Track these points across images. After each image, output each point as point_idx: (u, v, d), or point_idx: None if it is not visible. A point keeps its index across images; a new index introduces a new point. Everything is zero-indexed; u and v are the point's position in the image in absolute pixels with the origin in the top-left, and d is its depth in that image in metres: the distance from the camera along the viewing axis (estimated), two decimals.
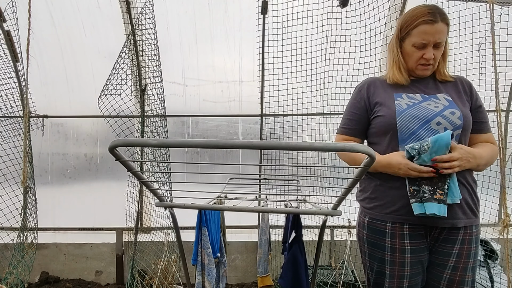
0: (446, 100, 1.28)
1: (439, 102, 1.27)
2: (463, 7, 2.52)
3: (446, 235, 1.24)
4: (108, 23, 3.06)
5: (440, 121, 1.22)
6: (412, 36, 1.27)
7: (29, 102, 2.81)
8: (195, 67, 3.23)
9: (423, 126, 1.23)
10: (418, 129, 1.23)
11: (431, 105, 1.26)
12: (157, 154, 2.89)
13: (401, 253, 1.25)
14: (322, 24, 2.83)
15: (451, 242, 1.23)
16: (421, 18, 1.23)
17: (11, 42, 2.77)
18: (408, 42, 1.29)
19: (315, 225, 3.01)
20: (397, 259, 1.26)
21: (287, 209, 1.38)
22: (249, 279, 3.15)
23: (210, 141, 0.68)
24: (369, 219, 1.33)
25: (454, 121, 1.23)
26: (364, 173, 0.72)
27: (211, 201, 1.44)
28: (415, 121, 1.24)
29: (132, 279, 2.85)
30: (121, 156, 0.70)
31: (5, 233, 2.92)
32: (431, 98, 1.29)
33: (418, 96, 1.30)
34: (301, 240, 1.52)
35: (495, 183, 2.61)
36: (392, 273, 1.26)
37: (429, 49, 1.26)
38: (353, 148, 0.62)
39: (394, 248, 1.26)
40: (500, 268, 2.60)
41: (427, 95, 1.31)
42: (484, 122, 1.33)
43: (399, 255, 1.25)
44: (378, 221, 1.30)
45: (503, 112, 2.93)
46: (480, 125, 1.32)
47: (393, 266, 1.26)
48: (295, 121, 3.05)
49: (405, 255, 1.25)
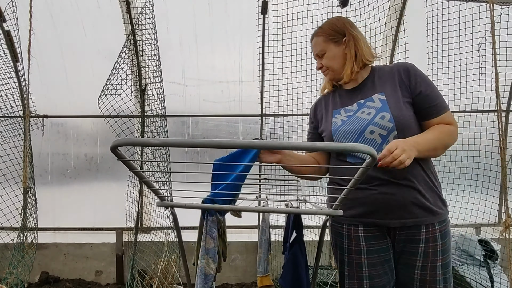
0: (380, 101, 1.28)
1: (372, 107, 1.28)
2: (463, 7, 2.52)
3: (409, 235, 1.23)
4: (108, 23, 3.06)
5: (372, 129, 1.24)
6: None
7: (29, 102, 2.81)
8: (195, 67, 3.23)
9: (359, 138, 1.27)
10: (355, 142, 1.27)
11: (364, 113, 1.29)
12: (157, 154, 2.89)
13: (357, 254, 1.28)
14: None
15: (415, 242, 1.22)
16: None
17: (11, 42, 2.77)
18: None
19: (316, 225, 3.01)
20: (354, 260, 1.29)
21: (287, 209, 1.38)
22: (249, 279, 3.15)
23: (210, 141, 0.68)
24: (332, 221, 1.40)
25: (385, 125, 1.22)
26: (365, 173, 0.72)
27: None
28: (349, 135, 1.29)
29: (132, 279, 2.85)
30: (122, 156, 0.70)
31: (5, 233, 2.92)
32: (366, 103, 1.31)
33: (354, 106, 1.34)
34: (301, 240, 1.52)
35: (495, 183, 2.61)
36: (350, 274, 1.30)
37: (317, 61, 1.44)
38: (354, 148, 0.62)
39: (351, 249, 1.30)
40: (500, 268, 2.60)
41: (362, 100, 1.33)
42: (429, 106, 1.25)
43: (356, 256, 1.28)
44: (337, 223, 1.36)
45: (503, 112, 2.93)
46: (427, 111, 1.25)
47: (351, 267, 1.29)
48: (295, 121, 3.05)
49: (361, 256, 1.27)
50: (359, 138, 1.27)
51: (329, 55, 1.37)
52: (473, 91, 2.66)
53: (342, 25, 1.36)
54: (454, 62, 2.65)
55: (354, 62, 1.34)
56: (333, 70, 1.38)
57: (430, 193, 1.23)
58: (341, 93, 1.43)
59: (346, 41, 1.34)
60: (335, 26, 1.36)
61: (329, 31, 1.36)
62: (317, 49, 1.40)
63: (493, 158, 2.59)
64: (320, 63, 1.41)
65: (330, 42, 1.36)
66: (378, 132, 1.23)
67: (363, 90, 1.36)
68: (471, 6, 2.50)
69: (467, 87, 2.66)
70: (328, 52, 1.37)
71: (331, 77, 1.42)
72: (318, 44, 1.39)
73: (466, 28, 2.54)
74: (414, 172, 1.21)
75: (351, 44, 1.34)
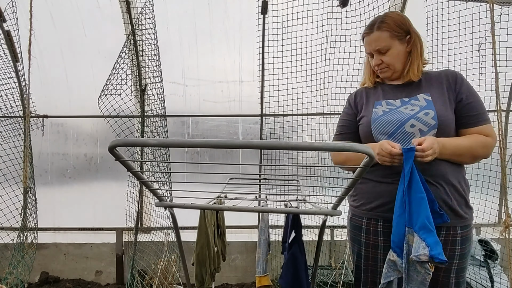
0: (425, 101, 1.28)
1: (417, 104, 1.29)
2: (463, 7, 2.52)
3: None
4: (108, 23, 3.06)
5: (413, 123, 1.24)
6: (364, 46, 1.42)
7: (29, 102, 2.81)
8: (195, 67, 3.23)
9: (398, 130, 1.26)
10: (394, 132, 1.27)
11: (408, 109, 1.29)
12: (157, 154, 2.89)
13: (374, 248, 1.29)
14: (322, 24, 2.83)
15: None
16: (363, 32, 1.39)
17: (11, 42, 2.77)
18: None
19: (315, 225, 3.01)
20: (370, 254, 1.30)
21: (287, 209, 1.38)
22: (249, 279, 3.15)
23: (210, 141, 0.68)
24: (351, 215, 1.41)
25: (427, 121, 1.23)
26: (363, 172, 0.72)
27: (211, 201, 1.44)
28: (389, 125, 1.29)
29: (132, 279, 2.85)
30: (121, 156, 0.70)
31: (5, 233, 2.92)
32: (410, 101, 1.31)
33: (398, 102, 1.34)
34: (301, 240, 1.52)
35: (495, 183, 2.61)
36: (366, 268, 1.31)
37: (375, 57, 1.36)
38: (352, 148, 0.62)
39: (368, 243, 1.31)
40: (500, 268, 2.60)
41: (407, 98, 1.33)
42: (469, 115, 1.25)
43: (372, 251, 1.30)
44: (357, 217, 1.36)
45: (503, 112, 2.93)
46: (466, 119, 1.26)
47: (366, 261, 1.31)
48: (295, 121, 3.05)
49: (377, 251, 1.28)
50: (398, 129, 1.26)
51: (393, 52, 1.32)
52: None
53: (407, 23, 1.33)
54: (454, 62, 2.65)
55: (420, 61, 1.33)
56: (394, 68, 1.34)
57: (456, 196, 1.23)
58: (384, 88, 1.41)
59: (411, 39, 1.32)
60: (400, 23, 1.32)
61: (394, 27, 1.31)
62: (381, 44, 1.32)
63: (493, 158, 2.58)
64: (380, 59, 1.34)
65: (396, 39, 1.31)
66: (418, 127, 1.23)
67: (408, 89, 1.35)
68: (471, 6, 2.49)
69: None
70: (392, 49, 1.32)
71: (389, 75, 1.37)
72: (383, 40, 1.31)
73: (466, 28, 2.53)
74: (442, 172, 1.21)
75: (417, 42, 1.33)
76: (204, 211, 1.56)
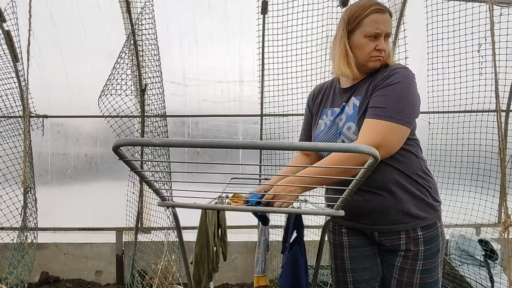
0: (353, 107, 1.20)
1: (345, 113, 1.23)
2: (463, 7, 2.52)
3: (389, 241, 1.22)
4: (108, 23, 3.05)
5: (343, 139, 1.21)
6: (363, 26, 1.16)
7: (29, 102, 2.81)
8: (195, 67, 3.23)
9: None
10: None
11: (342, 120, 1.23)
12: (157, 154, 2.89)
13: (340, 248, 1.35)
14: (322, 24, 2.83)
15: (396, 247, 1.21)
16: (371, 8, 1.15)
17: (11, 42, 2.77)
18: (359, 33, 1.17)
19: (316, 225, 3.01)
20: (338, 254, 1.37)
21: (288, 209, 1.37)
22: (249, 279, 3.15)
23: (211, 141, 0.68)
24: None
25: (351, 137, 1.17)
26: (367, 174, 0.72)
27: (212, 200, 1.44)
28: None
29: (132, 279, 2.85)
30: (124, 156, 0.70)
31: (5, 233, 2.92)
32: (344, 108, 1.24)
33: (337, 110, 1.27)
34: (302, 240, 1.52)
35: (495, 183, 2.62)
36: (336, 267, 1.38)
37: (381, 40, 1.16)
38: (357, 149, 0.62)
39: (335, 244, 1.38)
40: (500, 268, 2.61)
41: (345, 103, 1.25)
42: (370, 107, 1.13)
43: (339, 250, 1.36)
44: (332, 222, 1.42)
45: (503, 112, 2.93)
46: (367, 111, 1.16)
47: (335, 260, 1.38)
48: (295, 121, 3.05)
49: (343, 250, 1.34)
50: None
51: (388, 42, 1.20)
52: (473, 91, 2.66)
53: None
54: (454, 62, 2.66)
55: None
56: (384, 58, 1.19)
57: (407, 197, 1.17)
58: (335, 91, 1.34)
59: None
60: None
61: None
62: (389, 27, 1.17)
63: (493, 158, 2.59)
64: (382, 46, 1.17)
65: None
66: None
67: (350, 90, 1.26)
68: (471, 6, 2.50)
69: (467, 87, 2.66)
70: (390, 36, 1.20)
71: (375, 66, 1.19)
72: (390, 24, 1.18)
73: (466, 28, 2.54)
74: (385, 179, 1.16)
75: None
76: (205, 211, 1.56)
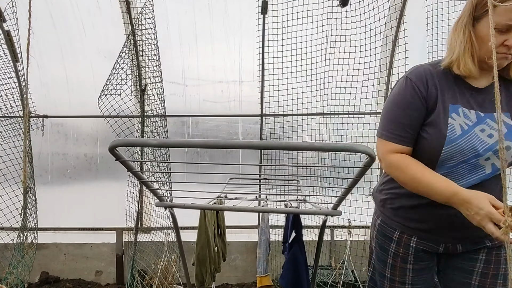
0: (505, 125, 1.01)
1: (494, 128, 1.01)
2: (463, 7, 2.51)
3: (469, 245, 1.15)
4: (108, 23, 3.05)
5: (490, 157, 1.01)
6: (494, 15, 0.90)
7: (29, 102, 2.81)
8: (195, 67, 3.23)
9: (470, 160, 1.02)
10: (463, 162, 1.04)
11: (484, 133, 1.01)
12: (157, 154, 2.89)
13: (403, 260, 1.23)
14: (322, 24, 2.83)
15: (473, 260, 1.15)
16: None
17: (11, 42, 2.77)
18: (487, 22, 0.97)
19: (315, 225, 3.01)
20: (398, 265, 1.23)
21: (287, 209, 1.38)
22: (249, 279, 3.15)
23: (210, 141, 0.68)
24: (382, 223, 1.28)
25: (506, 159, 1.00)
26: (364, 173, 0.72)
27: (211, 201, 1.44)
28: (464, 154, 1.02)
29: (132, 279, 2.85)
30: (121, 156, 0.70)
31: (5, 233, 2.92)
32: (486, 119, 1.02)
33: (473, 115, 1.03)
34: (301, 240, 1.53)
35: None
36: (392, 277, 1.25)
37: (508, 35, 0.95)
38: (353, 148, 0.62)
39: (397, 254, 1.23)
40: None
41: (482, 114, 1.03)
42: None
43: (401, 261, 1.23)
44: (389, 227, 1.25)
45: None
46: None
47: (393, 270, 1.24)
48: (295, 121, 3.05)
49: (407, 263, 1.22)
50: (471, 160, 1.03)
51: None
52: None
53: None
54: None
55: None
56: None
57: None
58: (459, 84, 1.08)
59: None
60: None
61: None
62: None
63: None
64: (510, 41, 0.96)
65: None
66: (492, 161, 1.03)
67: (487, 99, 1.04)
68: None
69: None
70: None
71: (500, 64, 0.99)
72: None
73: None
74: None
75: None
76: (204, 211, 1.56)
